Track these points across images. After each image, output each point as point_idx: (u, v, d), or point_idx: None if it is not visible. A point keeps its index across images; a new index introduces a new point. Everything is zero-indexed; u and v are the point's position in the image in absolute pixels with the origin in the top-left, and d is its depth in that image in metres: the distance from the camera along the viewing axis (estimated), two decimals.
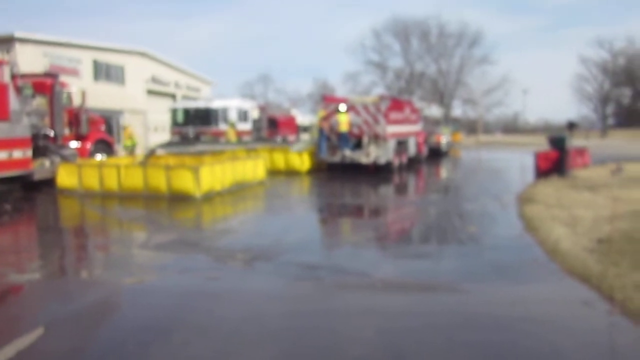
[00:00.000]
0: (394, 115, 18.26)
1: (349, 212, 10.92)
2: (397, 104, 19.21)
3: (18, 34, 22.51)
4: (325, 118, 17.88)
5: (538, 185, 12.96)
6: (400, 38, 65.36)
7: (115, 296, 5.28)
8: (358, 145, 17.73)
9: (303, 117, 40.01)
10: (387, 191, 14.76)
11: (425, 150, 23.67)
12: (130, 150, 20.15)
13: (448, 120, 32.16)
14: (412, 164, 20.88)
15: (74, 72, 25.86)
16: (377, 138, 17.45)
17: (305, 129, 36.04)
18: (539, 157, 15.13)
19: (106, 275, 6.08)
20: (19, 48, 22.49)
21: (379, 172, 17.47)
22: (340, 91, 65.85)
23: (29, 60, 22.23)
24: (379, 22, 71.82)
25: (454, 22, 67.63)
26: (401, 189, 15.24)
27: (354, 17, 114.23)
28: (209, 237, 8.03)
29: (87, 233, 9.09)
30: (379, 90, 62.13)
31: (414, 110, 21.50)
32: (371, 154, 17.35)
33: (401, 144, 19.19)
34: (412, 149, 20.82)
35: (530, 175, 15.57)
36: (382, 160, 17.45)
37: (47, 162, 13.57)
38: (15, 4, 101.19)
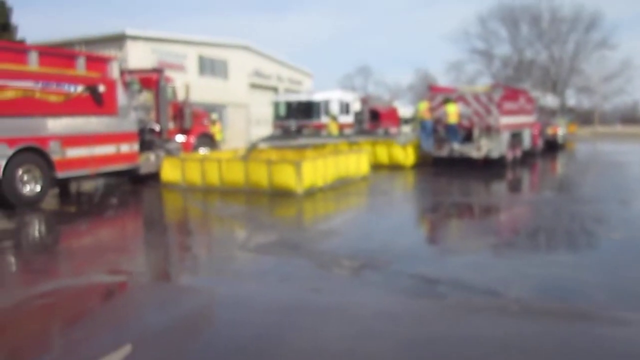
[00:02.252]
0: (507, 105, 16.80)
1: (462, 213, 9.91)
2: (511, 93, 17.72)
3: (129, 31, 23.32)
4: (432, 109, 16.81)
5: None
6: (507, 24, 61.80)
7: (209, 307, 4.75)
8: (467, 138, 16.49)
9: (404, 109, 38.83)
10: (501, 188, 13.50)
11: (540, 143, 21.79)
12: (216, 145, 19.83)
13: (564, 110, 29.66)
14: (527, 158, 19.22)
15: (181, 68, 26.48)
16: (489, 130, 16.12)
17: (406, 121, 34.87)
18: None
19: (202, 282, 5.61)
20: (130, 45, 23.30)
21: (490, 167, 16.14)
22: (442, 81, 63.49)
23: (139, 57, 22.97)
24: (484, 8, 68.29)
25: (567, 5, 62.56)
26: (518, 187, 13.91)
27: (456, 4, 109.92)
28: (311, 239, 7.41)
29: (186, 231, 8.82)
30: (485, 79, 59.24)
31: (529, 100, 19.80)
32: (483, 148, 16.05)
33: (515, 137, 17.67)
34: (526, 142, 19.17)
35: None
36: (495, 154, 16.10)
37: (152, 156, 13.68)
38: (127, 2, 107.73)
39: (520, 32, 61.87)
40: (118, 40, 23.18)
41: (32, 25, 78.25)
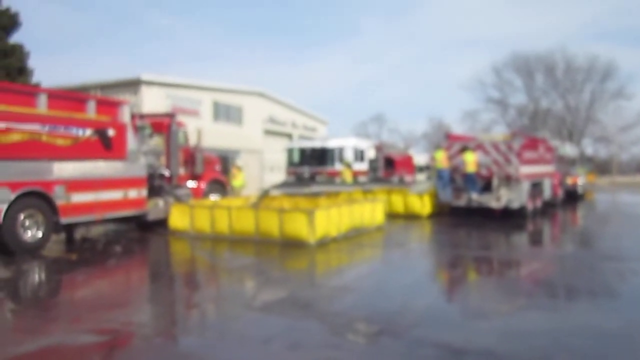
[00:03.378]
0: (527, 154, 16.29)
1: (484, 269, 9.27)
2: (530, 142, 17.22)
3: (144, 77, 23.38)
4: (450, 157, 16.36)
5: None
6: (522, 74, 61.93)
7: None
8: (486, 187, 15.94)
9: (419, 157, 38.48)
10: (523, 241, 12.83)
11: (561, 193, 21.14)
12: (237, 192, 19.57)
13: (583, 159, 29.03)
14: (547, 209, 18.54)
15: (195, 113, 26.45)
16: (508, 179, 15.57)
17: (421, 168, 34.40)
18: None
19: (203, 347, 5.01)
20: (144, 90, 23.32)
21: (509, 218, 15.49)
22: (457, 130, 63.31)
23: (154, 102, 22.96)
24: (499, 58, 68.44)
25: (582, 56, 62.42)
26: (540, 240, 13.23)
27: (471, 55, 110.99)
28: (324, 297, 6.81)
29: (191, 285, 8.26)
30: (500, 128, 58.95)
31: (549, 149, 19.26)
32: (502, 198, 15.46)
33: (535, 186, 17.08)
34: (547, 192, 18.53)
35: None
36: (515, 205, 15.49)
37: (161, 202, 13.25)
38: (142, 49, 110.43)
39: (535, 82, 61.97)
40: (133, 85, 23.24)
41: (49, 70, 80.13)
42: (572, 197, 23.72)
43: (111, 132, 11.65)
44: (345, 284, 7.74)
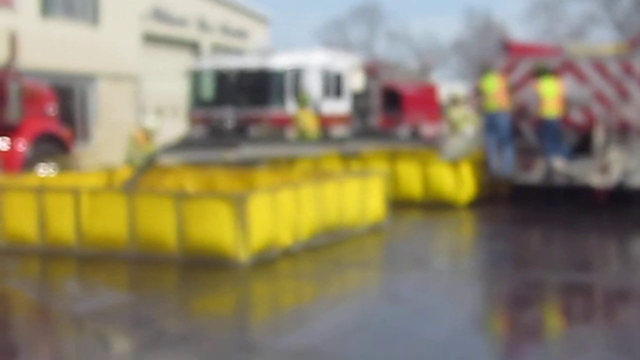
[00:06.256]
0: None
1: (581, 309, 9.43)
2: None
3: None
4: (511, 89, 16.48)
5: None
6: None
7: None
8: (582, 147, 16.13)
9: (448, 87, 38.90)
10: None
11: None
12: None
13: None
14: None
15: (6, 1, 26.02)
16: (625, 131, 15.77)
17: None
18: None
19: None
20: None
21: (626, 207, 15.77)
22: (521, 35, 64.15)
23: None
24: None
25: None
26: None
27: None
28: None
29: None
30: (603, 33, 59.84)
31: None
32: (613, 167, 15.66)
33: None
34: None
35: None
36: (637, 181, 15.69)
37: None
38: None
39: None
40: None
41: None
42: None
43: None
44: (306, 344, 7.73)
